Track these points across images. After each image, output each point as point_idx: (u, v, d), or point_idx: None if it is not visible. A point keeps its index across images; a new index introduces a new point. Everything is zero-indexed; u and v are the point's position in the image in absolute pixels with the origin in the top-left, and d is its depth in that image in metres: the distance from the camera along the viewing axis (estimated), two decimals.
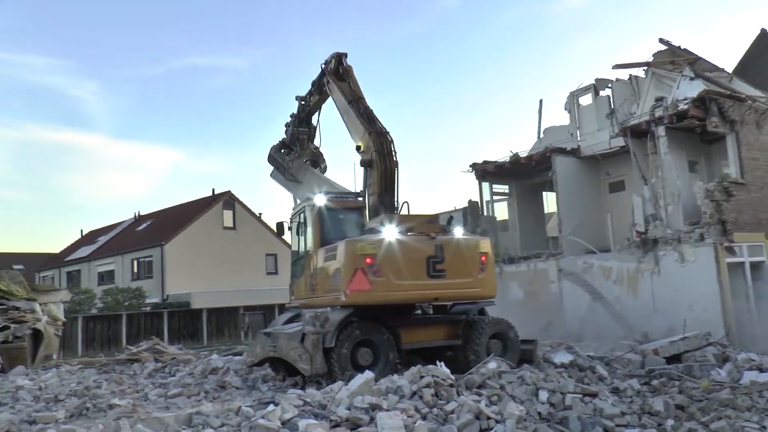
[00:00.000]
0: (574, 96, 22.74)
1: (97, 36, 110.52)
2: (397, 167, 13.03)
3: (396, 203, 12.96)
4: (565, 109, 23.11)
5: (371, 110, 13.83)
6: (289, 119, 17.19)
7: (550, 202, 23.79)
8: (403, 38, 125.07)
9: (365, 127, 13.41)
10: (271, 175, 17.93)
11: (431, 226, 11.91)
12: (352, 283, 10.58)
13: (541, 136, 24.12)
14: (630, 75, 21.79)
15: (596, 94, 22.20)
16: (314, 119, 17.00)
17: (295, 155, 16.96)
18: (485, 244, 12.10)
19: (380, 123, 13.55)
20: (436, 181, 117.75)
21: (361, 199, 12.80)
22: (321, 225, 12.18)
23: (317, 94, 15.95)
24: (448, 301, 11.98)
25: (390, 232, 11.04)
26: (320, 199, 12.26)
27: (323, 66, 15.41)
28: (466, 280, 11.52)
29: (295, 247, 13.74)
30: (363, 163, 13.12)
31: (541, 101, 25.03)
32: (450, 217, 12.82)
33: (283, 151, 17.25)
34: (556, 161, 20.64)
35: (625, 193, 20.80)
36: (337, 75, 14.90)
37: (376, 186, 12.79)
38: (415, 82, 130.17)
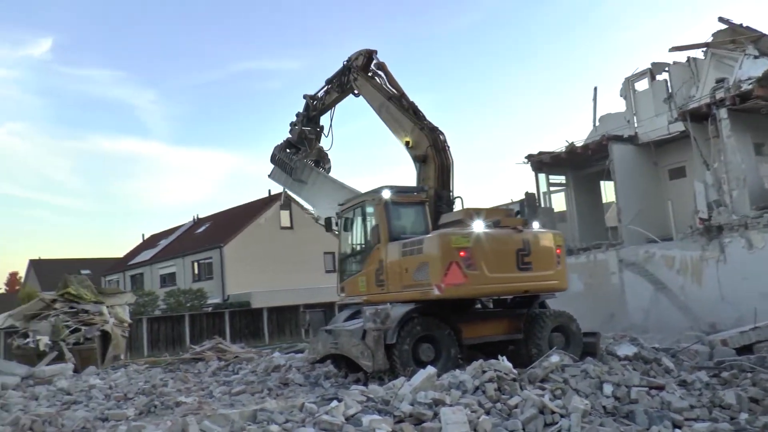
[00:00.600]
0: (629, 82, 22.22)
1: (154, 47, 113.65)
2: (453, 162, 12.94)
3: (452, 198, 12.88)
4: (621, 96, 22.62)
5: (416, 105, 13.71)
6: (294, 118, 16.88)
7: (608, 191, 23.38)
8: (453, 31, 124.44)
9: (414, 122, 13.30)
10: (269, 175, 17.77)
11: (514, 219, 11.98)
12: (447, 276, 10.45)
13: (597, 124, 23.70)
14: (688, 57, 21.17)
15: (653, 78, 21.65)
16: (322, 119, 16.73)
17: (303, 155, 16.75)
18: (560, 238, 12.18)
19: (427, 119, 13.45)
20: (488, 174, 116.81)
21: (424, 193, 12.56)
22: (388, 219, 12.00)
23: (336, 92, 15.68)
24: (535, 294, 11.97)
25: (479, 225, 11.02)
26: (387, 193, 12.03)
27: (346, 63, 15.20)
28: (547, 273, 11.56)
29: (347, 243, 13.45)
30: (417, 158, 12.99)
31: (595, 89, 24.67)
32: (517, 211, 12.75)
33: (288, 150, 17.06)
34: (613, 149, 20.23)
35: (686, 179, 20.27)
36: (365, 72, 14.79)
37: (432, 181, 12.70)
38: (465, 74, 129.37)
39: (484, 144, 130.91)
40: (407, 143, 13.27)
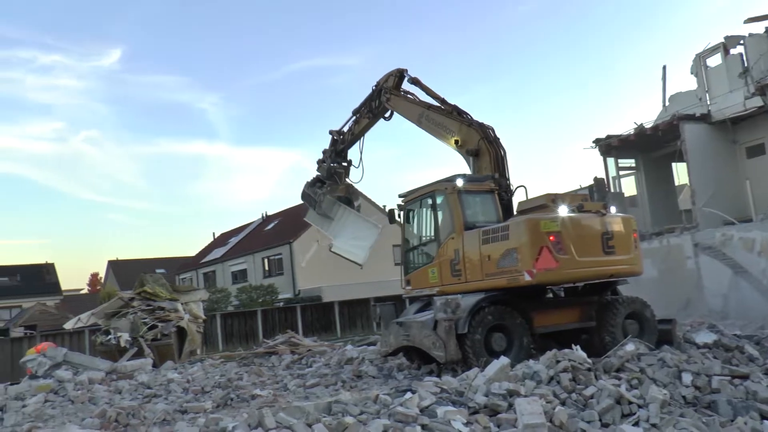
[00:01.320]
0: (700, 58, 21.38)
1: (215, 51, 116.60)
2: (506, 152, 12.88)
3: (510, 186, 12.73)
4: (692, 73, 21.80)
5: (458, 107, 13.73)
6: (321, 155, 17.01)
7: (680, 173, 22.68)
8: (513, 17, 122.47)
9: (459, 120, 13.37)
10: (306, 217, 17.98)
11: (595, 203, 11.96)
12: (538, 261, 10.40)
13: (667, 104, 22.98)
14: (766, 27, 20.15)
15: (726, 53, 20.73)
16: (350, 152, 16.83)
17: (327, 188, 16.83)
18: (634, 222, 12.03)
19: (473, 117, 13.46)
20: (554, 160, 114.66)
21: (494, 182, 12.44)
22: (463, 208, 11.92)
23: (366, 118, 15.75)
24: (618, 278, 11.84)
25: (564, 210, 11.01)
26: (460, 182, 11.98)
27: (375, 87, 15.34)
28: (627, 257, 11.44)
29: (412, 235, 13.32)
30: (469, 153, 12.97)
31: (664, 67, 23.96)
32: (588, 196, 12.62)
33: (317, 185, 17.14)
34: (685, 129, 19.54)
35: (765, 156, 19.40)
36: (397, 90, 14.94)
37: (489, 172, 12.64)
38: (528, 60, 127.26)
39: (549, 130, 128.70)
40: (456, 142, 13.28)
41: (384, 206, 14.46)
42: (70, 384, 13.51)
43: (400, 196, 13.55)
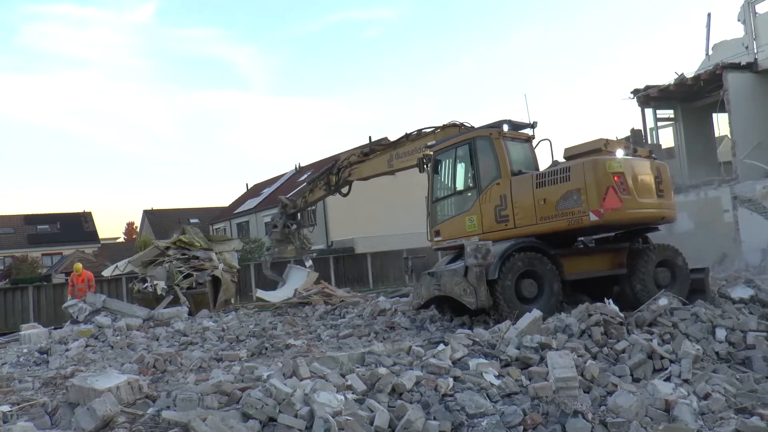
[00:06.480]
0: (749, 4, 20.58)
1: (251, 3, 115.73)
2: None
3: None
4: (739, 21, 21.03)
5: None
6: (271, 220, 18.05)
7: (721, 124, 22.13)
8: None
9: (431, 131, 13.83)
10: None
11: (643, 149, 12.10)
12: (605, 201, 10.42)
13: (710, 52, 22.26)
14: None
15: None
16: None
17: (276, 252, 19.20)
18: (668, 169, 12.13)
19: None
20: (591, 112, 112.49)
21: (531, 130, 12.43)
22: (509, 153, 11.77)
23: (324, 190, 16.49)
24: (665, 222, 11.97)
25: (621, 153, 11.17)
26: (506, 127, 11.89)
27: (336, 162, 15.76)
28: (669, 202, 11.60)
29: (443, 184, 12.97)
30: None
31: (709, 15, 23.06)
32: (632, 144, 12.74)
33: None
34: (729, 78, 18.96)
35: None
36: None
37: None
38: (567, 8, 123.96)
39: (586, 81, 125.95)
40: (432, 145, 13.34)
41: None
42: (109, 330, 13.86)
43: (428, 146, 13.40)
